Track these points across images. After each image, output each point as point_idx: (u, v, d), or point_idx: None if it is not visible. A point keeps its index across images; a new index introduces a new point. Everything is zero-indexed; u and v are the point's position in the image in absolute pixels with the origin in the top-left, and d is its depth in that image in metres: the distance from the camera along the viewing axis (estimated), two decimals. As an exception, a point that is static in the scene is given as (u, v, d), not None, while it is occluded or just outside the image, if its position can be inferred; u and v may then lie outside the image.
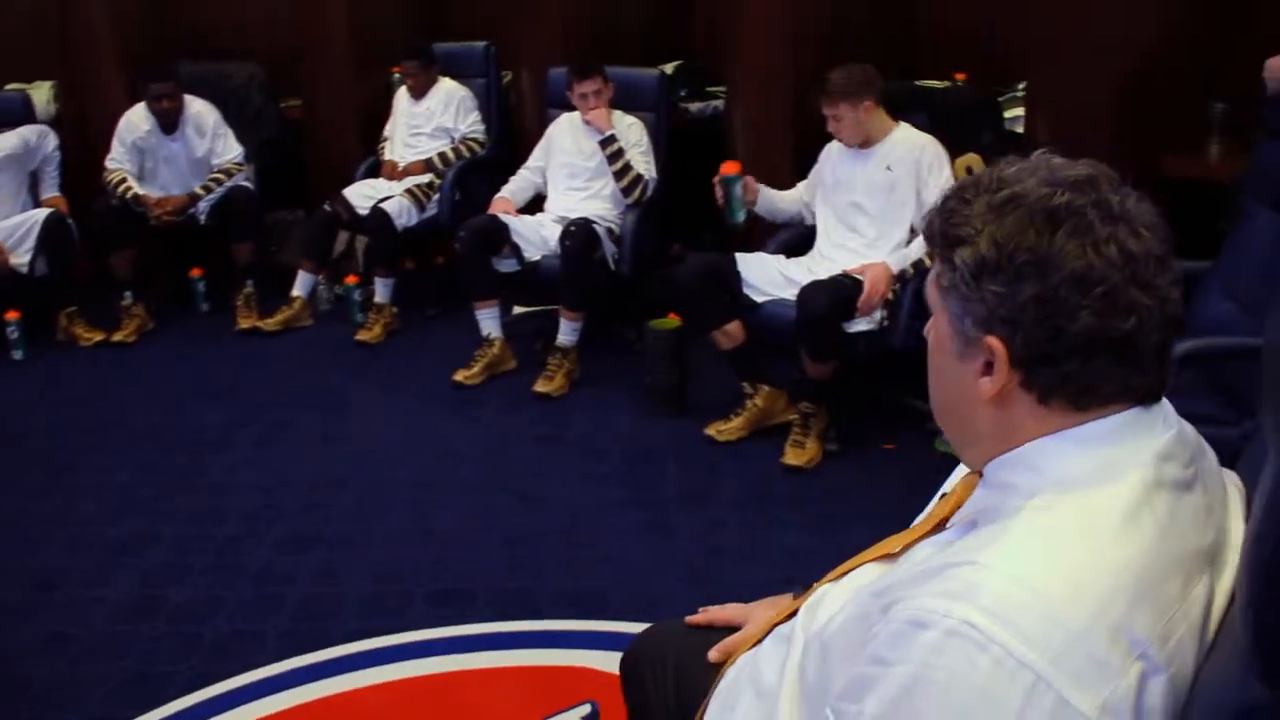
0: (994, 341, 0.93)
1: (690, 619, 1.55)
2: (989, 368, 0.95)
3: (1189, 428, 0.99)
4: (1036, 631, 0.83)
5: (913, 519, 3.25)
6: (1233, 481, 1.06)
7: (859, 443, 3.55)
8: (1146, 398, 0.95)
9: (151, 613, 2.74)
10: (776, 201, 3.73)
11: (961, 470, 1.17)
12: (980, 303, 0.93)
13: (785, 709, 1.15)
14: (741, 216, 3.61)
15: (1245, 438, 2.03)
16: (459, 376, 4.10)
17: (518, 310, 4.76)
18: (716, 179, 3.58)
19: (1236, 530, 1.00)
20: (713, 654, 1.45)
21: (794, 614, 1.27)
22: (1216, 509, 0.99)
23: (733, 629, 1.48)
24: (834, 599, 1.17)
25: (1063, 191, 0.91)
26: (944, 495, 1.12)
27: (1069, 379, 0.93)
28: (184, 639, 2.63)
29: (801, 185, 3.76)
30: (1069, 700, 0.82)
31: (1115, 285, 0.89)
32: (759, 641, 1.33)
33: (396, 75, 5.09)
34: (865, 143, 3.49)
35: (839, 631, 1.05)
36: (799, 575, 2.82)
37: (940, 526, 1.08)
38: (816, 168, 3.70)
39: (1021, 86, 4.04)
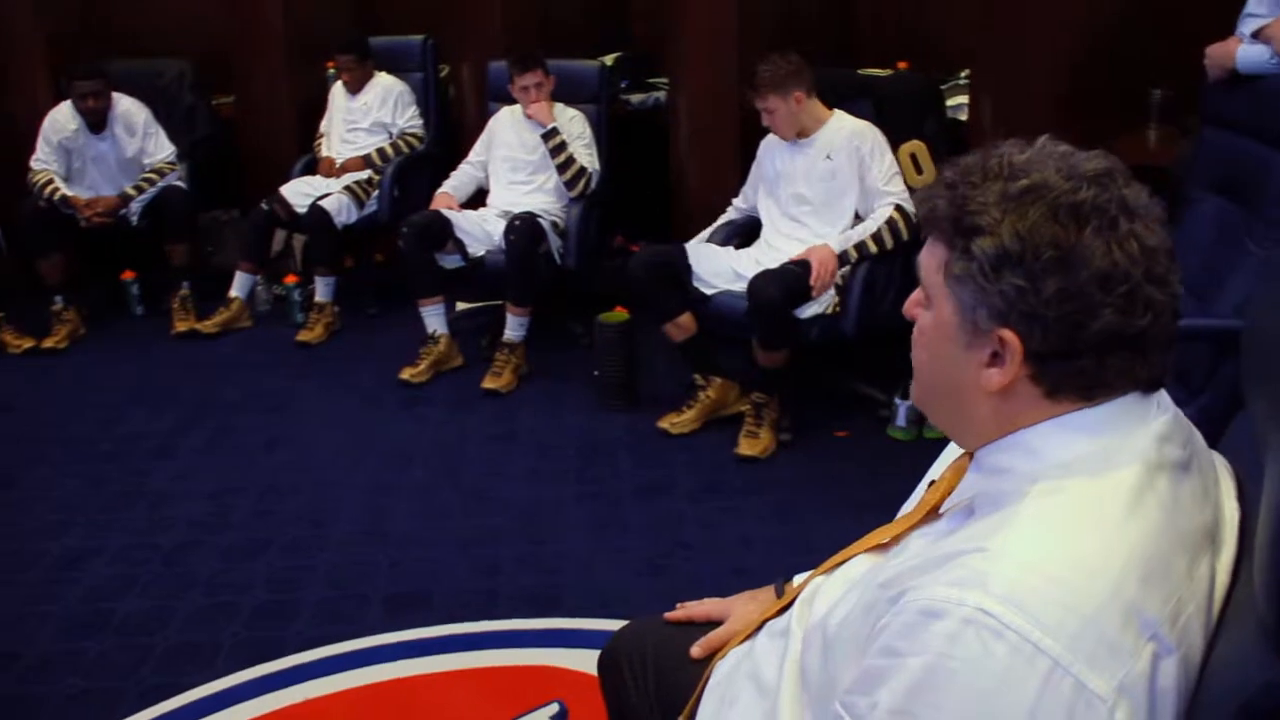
0: (1009, 335, 0.92)
1: (669, 615, 1.53)
2: (995, 359, 0.94)
3: (1180, 411, 1.00)
4: (1051, 617, 0.83)
5: (870, 505, 3.27)
6: (1220, 461, 1.06)
7: (811, 431, 3.56)
8: (1149, 385, 0.95)
9: (99, 627, 2.66)
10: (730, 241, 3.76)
11: (948, 456, 1.17)
12: (998, 295, 0.91)
13: (787, 705, 1.14)
14: None
15: (1202, 415, 2.07)
16: (405, 375, 4.05)
17: (461, 307, 4.71)
18: None
19: (1230, 509, 1.01)
20: (695, 650, 1.43)
21: (786, 608, 1.26)
22: (1211, 488, 1.00)
23: (713, 624, 1.47)
24: (829, 592, 1.16)
25: (1087, 186, 0.90)
26: (932, 482, 1.11)
27: (1083, 374, 0.92)
28: (134, 652, 2.56)
29: (741, 193, 3.80)
30: (1086, 684, 0.82)
31: (1136, 283, 0.89)
32: (750, 636, 1.32)
33: (331, 70, 5.01)
34: (802, 133, 3.50)
35: (843, 625, 1.04)
36: (757, 565, 2.87)
37: (932, 514, 1.08)
38: (756, 163, 3.71)
39: (964, 74, 4.08)
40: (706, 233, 3.77)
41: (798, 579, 1.44)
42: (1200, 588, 0.93)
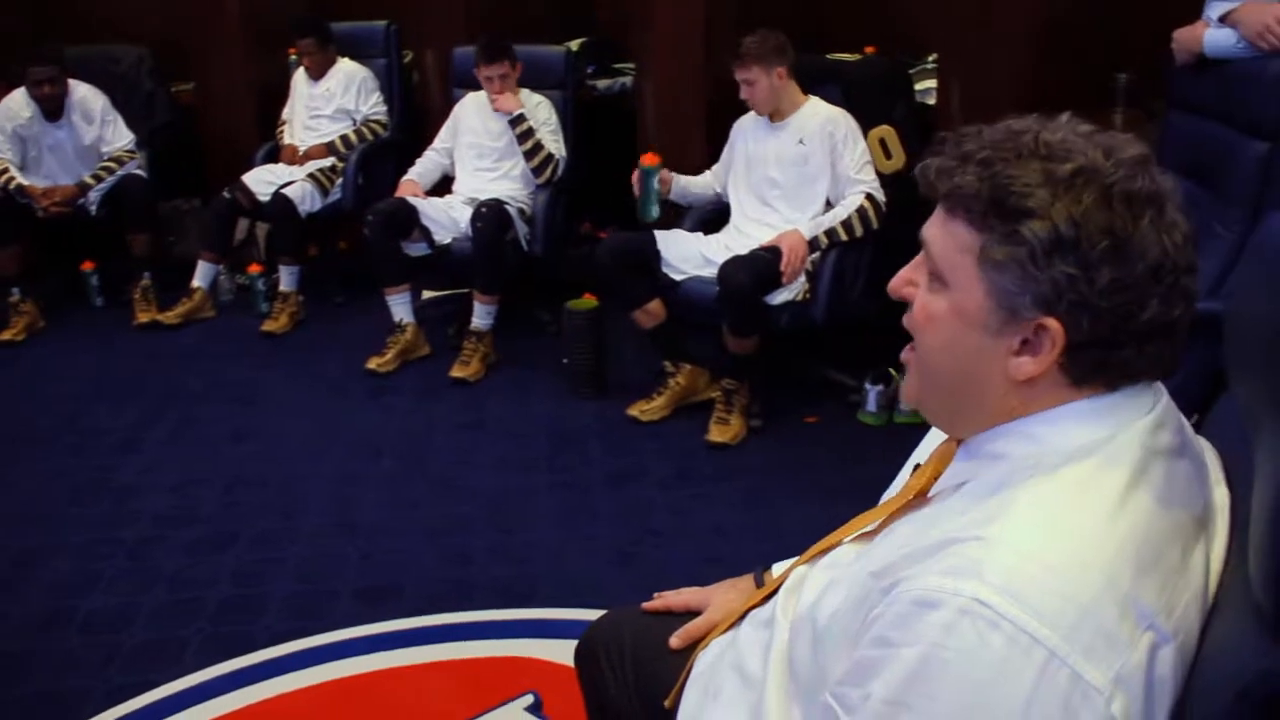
0: (1052, 323, 0.89)
1: (647, 605, 1.52)
2: (1025, 345, 0.91)
3: (1169, 395, 0.99)
4: (1047, 606, 0.82)
5: (841, 490, 3.28)
6: (1206, 446, 1.06)
7: (781, 417, 3.56)
8: (1168, 373, 0.95)
9: (62, 625, 2.61)
10: (690, 187, 3.73)
11: (931, 440, 1.16)
12: (1048, 282, 0.88)
13: (774, 696, 1.13)
14: (656, 212, 3.58)
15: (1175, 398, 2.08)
16: (372, 364, 4.01)
17: (428, 295, 4.67)
18: (636, 170, 3.53)
19: (1220, 495, 1.01)
20: (674, 640, 1.42)
21: (769, 597, 1.25)
22: (1201, 474, 0.99)
23: (692, 614, 1.45)
24: (815, 580, 1.14)
25: (1138, 173, 0.88)
26: (918, 467, 1.10)
27: (1121, 364, 0.91)
28: (99, 651, 2.51)
29: (712, 170, 3.76)
30: (1082, 675, 0.81)
31: (1180, 272, 0.88)
32: (733, 626, 1.30)
33: (293, 56, 4.93)
34: (777, 115, 3.49)
35: (834, 616, 1.02)
36: (729, 553, 2.86)
37: (919, 499, 1.06)
38: (728, 145, 3.69)
39: (932, 58, 4.08)
40: (684, 179, 3.72)
41: (777, 567, 1.43)
42: (1195, 576, 0.92)
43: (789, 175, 3.50)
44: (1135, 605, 0.85)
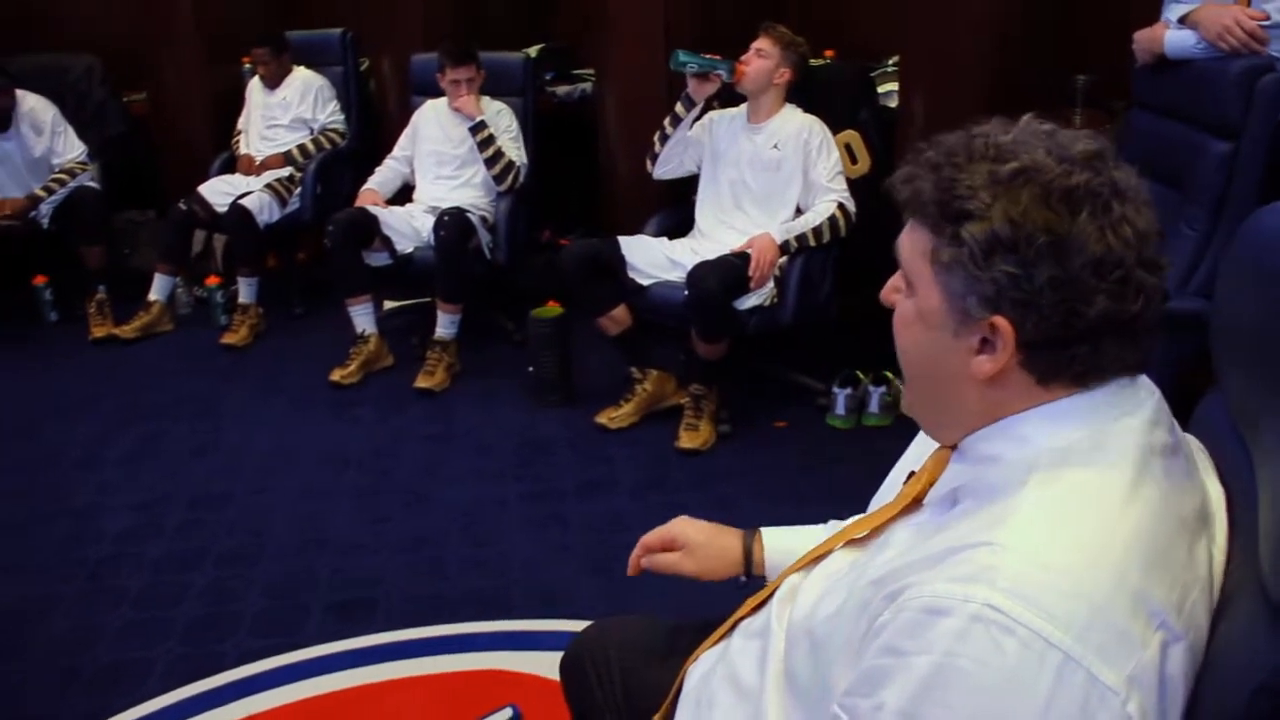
0: (1001, 322, 0.90)
1: (630, 570, 1.49)
2: (985, 345, 0.92)
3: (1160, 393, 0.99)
4: (1060, 609, 0.82)
5: (813, 494, 3.27)
6: (1193, 443, 1.06)
7: (750, 422, 3.55)
8: (1137, 369, 0.94)
9: (21, 649, 2.54)
10: (687, 139, 3.62)
11: (921, 447, 1.15)
12: (990, 282, 0.89)
13: (772, 707, 1.11)
14: (684, 59, 3.41)
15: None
16: (335, 376, 3.96)
17: (390, 305, 4.62)
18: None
19: (1214, 490, 1.01)
20: (638, 556, 1.45)
21: (760, 606, 1.23)
22: (1194, 470, 0.99)
23: (680, 623, 1.44)
24: (810, 589, 1.13)
25: (1079, 169, 0.88)
26: (912, 474, 1.09)
27: (1076, 361, 0.91)
28: (60, 674, 2.45)
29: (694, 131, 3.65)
30: (1098, 676, 0.81)
31: (1129, 268, 0.88)
32: (724, 638, 1.29)
33: (247, 65, 4.87)
34: (755, 115, 3.50)
35: (833, 624, 1.01)
36: (703, 559, 2.82)
37: (914, 505, 1.05)
38: (705, 127, 3.62)
39: (892, 61, 4.10)
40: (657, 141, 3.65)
41: (765, 532, 1.42)
42: (1201, 572, 0.92)
43: (761, 180, 3.50)
44: (1146, 604, 0.84)
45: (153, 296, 4.50)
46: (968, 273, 0.90)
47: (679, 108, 3.56)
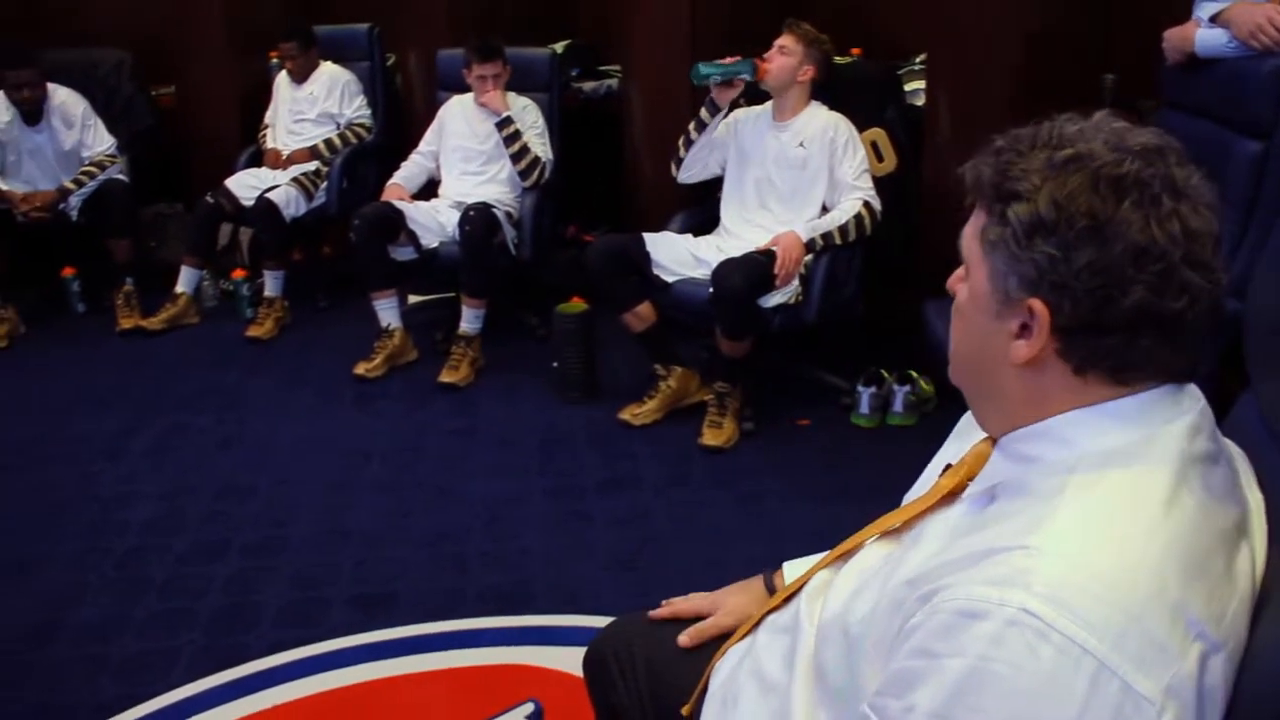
0: (1038, 304, 0.90)
1: (654, 613, 1.49)
2: (1025, 330, 0.92)
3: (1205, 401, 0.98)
4: (1096, 616, 0.81)
5: (835, 493, 3.26)
6: (1236, 450, 1.04)
7: (774, 420, 3.54)
8: (1182, 376, 0.93)
9: (49, 638, 2.56)
10: (713, 141, 3.63)
11: (963, 440, 1.14)
12: (1030, 263, 0.89)
13: (800, 703, 1.10)
14: (705, 71, 3.44)
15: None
16: (360, 370, 3.97)
17: (414, 300, 4.64)
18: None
19: (1254, 498, 0.99)
20: (683, 639, 1.41)
21: (788, 600, 1.23)
22: (1236, 479, 0.98)
23: (700, 618, 1.44)
24: (842, 585, 1.12)
25: (1131, 159, 0.88)
26: (949, 466, 1.08)
27: (1111, 353, 0.90)
28: (88, 663, 2.47)
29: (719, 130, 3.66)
30: (1133, 685, 0.80)
31: (1173, 263, 0.86)
32: (750, 633, 1.28)
33: (275, 59, 4.90)
34: (781, 114, 3.49)
35: (867, 623, 1.00)
36: (726, 556, 2.85)
37: (950, 498, 1.05)
38: (730, 126, 3.62)
39: (919, 60, 4.07)
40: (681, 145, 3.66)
41: (787, 567, 1.41)
42: (1241, 582, 0.91)
43: (787, 178, 3.49)
44: (1184, 613, 0.83)
45: (179, 289, 4.54)
46: (1010, 252, 0.90)
47: (703, 113, 3.56)
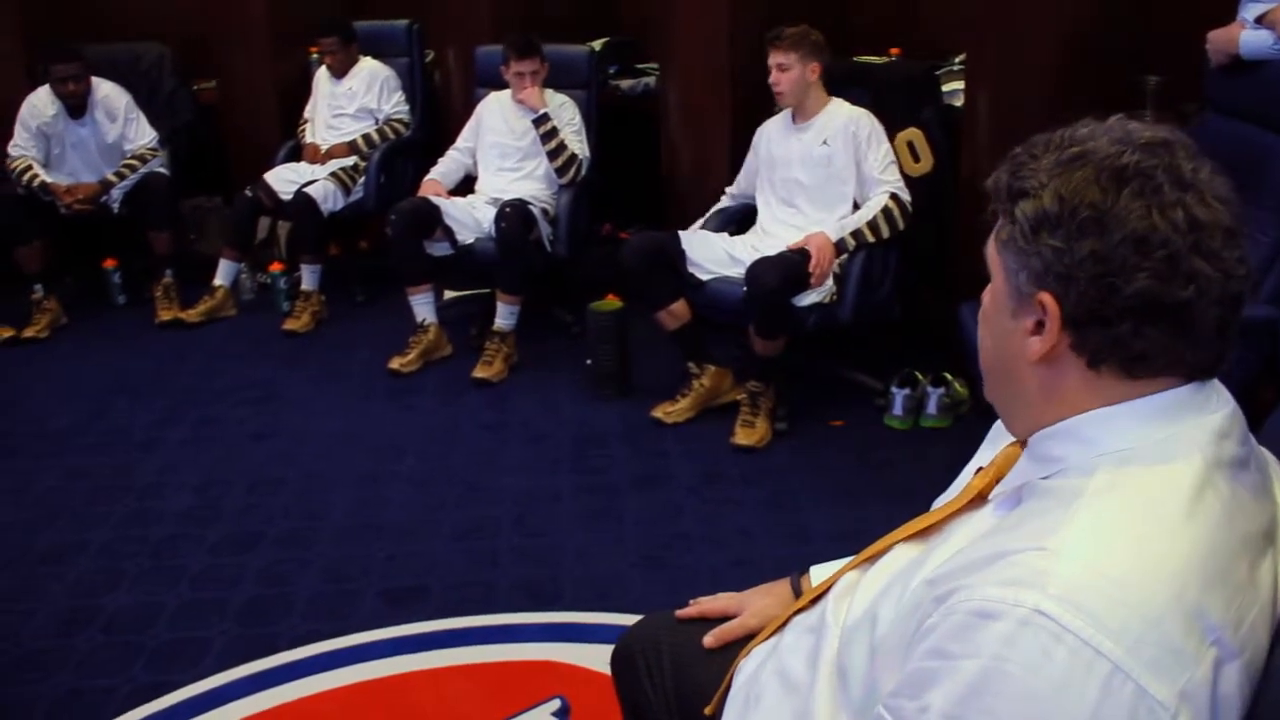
0: (1046, 298, 0.90)
1: (681, 612, 1.49)
2: (1039, 326, 0.92)
3: (1237, 406, 0.96)
4: (1112, 619, 0.80)
5: (867, 494, 3.24)
6: (1270, 458, 1.03)
7: (807, 420, 3.53)
8: (1201, 373, 0.92)
9: (85, 624, 2.60)
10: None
11: (996, 444, 1.13)
12: (1036, 256, 0.90)
13: (822, 706, 1.10)
14: None
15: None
16: (395, 364, 3.99)
17: (449, 295, 4.65)
18: None
19: None
20: (709, 639, 1.41)
21: (815, 601, 1.22)
22: (1267, 486, 0.96)
23: (727, 618, 1.43)
24: (869, 587, 1.11)
25: (1133, 151, 0.88)
26: (980, 469, 1.08)
27: (1120, 343, 0.89)
28: (121, 650, 2.50)
29: (731, 191, 3.76)
30: (1147, 690, 0.79)
31: (1177, 250, 0.86)
32: (776, 633, 1.28)
33: (315, 54, 4.93)
34: (801, 115, 3.48)
35: (891, 626, 1.00)
36: (756, 556, 2.84)
37: (979, 500, 1.05)
38: (751, 151, 3.68)
39: (958, 60, 4.04)
40: (700, 222, 3.73)
41: (815, 570, 1.41)
42: (1265, 592, 0.89)
43: (813, 176, 3.48)
44: (1202, 619, 0.82)
45: (217, 281, 4.58)
46: (1019, 248, 0.92)
47: None
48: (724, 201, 3.78)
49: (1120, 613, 0.80)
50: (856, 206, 3.44)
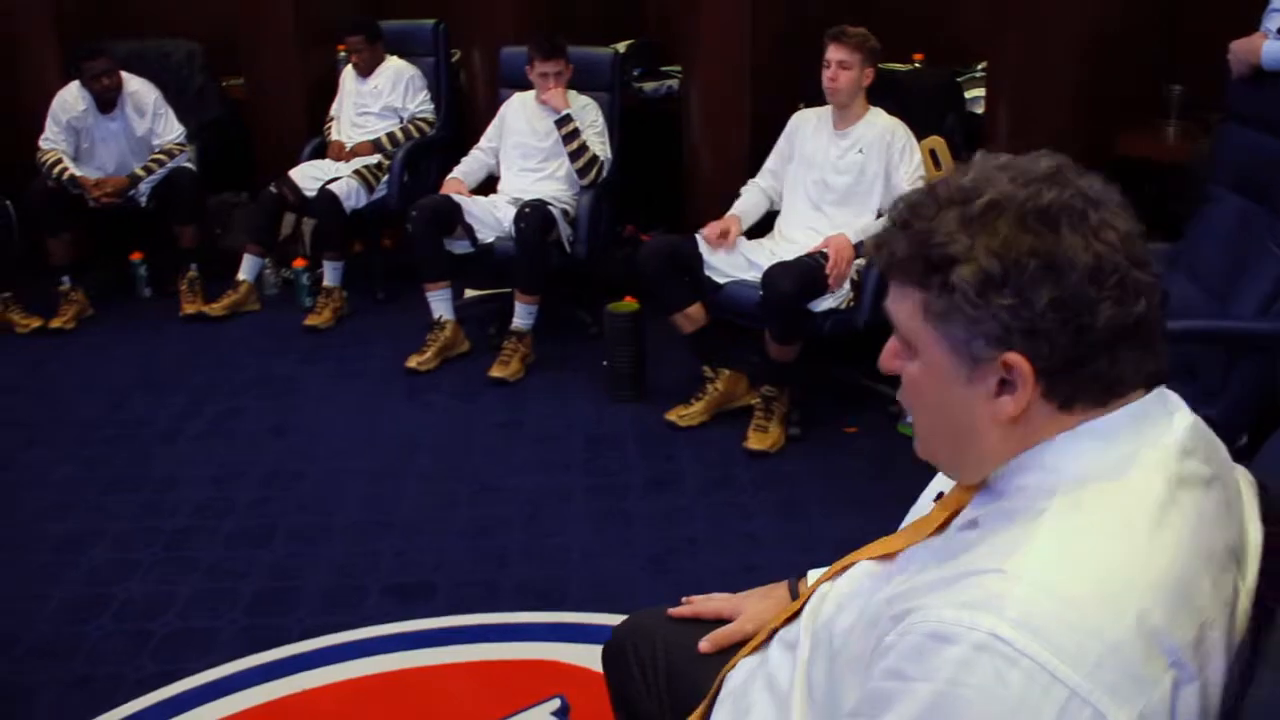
0: (1014, 358, 0.88)
1: (674, 611, 1.48)
2: (1004, 386, 0.90)
3: (1200, 420, 0.96)
4: (1070, 644, 0.79)
5: (878, 502, 3.23)
6: (1244, 476, 1.02)
7: (820, 426, 3.52)
8: (1154, 379, 0.92)
9: (98, 611, 2.64)
10: (752, 214, 3.66)
11: None
12: (991, 320, 0.87)
13: (797, 712, 1.10)
14: None
15: (1222, 419, 2.02)
16: (412, 363, 4.01)
17: (470, 294, 4.67)
18: None
19: (1254, 530, 0.97)
20: (704, 644, 1.40)
21: (793, 617, 1.22)
22: (1235, 505, 0.96)
23: (721, 621, 1.43)
24: (833, 598, 1.12)
25: (1046, 187, 0.87)
26: (940, 496, 1.07)
27: (1098, 378, 0.89)
28: (133, 638, 2.54)
29: (760, 182, 3.70)
30: (1106, 715, 0.79)
31: (1123, 269, 0.86)
32: (762, 647, 1.28)
33: (342, 53, 4.97)
34: (842, 120, 3.47)
35: (847, 637, 1.00)
36: (765, 561, 2.84)
37: (940, 530, 1.03)
38: (785, 138, 3.64)
39: (980, 67, 4.02)
40: (738, 203, 3.68)
41: (811, 575, 1.41)
42: (1225, 613, 0.89)
43: (844, 182, 3.47)
44: (1161, 640, 0.82)
45: (241, 276, 4.62)
46: (966, 317, 0.88)
47: None
48: (752, 192, 3.70)
49: (1077, 637, 0.80)
50: (880, 215, 3.43)
